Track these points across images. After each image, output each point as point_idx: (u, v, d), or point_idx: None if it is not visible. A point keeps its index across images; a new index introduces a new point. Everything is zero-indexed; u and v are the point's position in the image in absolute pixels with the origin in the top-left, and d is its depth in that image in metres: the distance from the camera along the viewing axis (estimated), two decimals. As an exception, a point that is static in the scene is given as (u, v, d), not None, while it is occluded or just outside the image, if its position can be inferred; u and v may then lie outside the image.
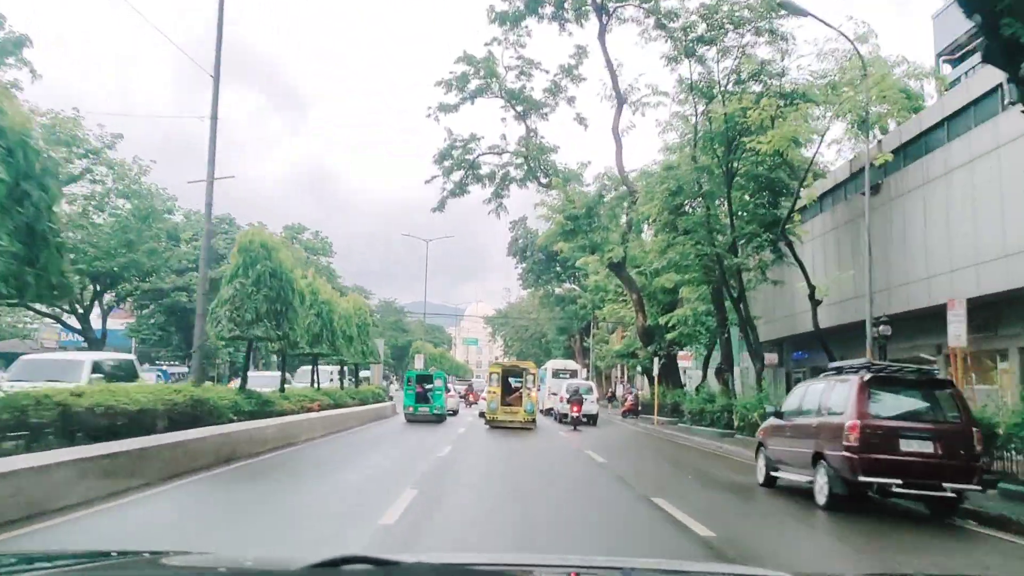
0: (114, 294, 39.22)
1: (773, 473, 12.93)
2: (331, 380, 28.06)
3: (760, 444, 13.59)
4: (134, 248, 34.09)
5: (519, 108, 39.43)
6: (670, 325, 31.93)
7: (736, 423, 24.17)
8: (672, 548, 7.68)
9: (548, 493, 11.72)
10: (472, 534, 8.53)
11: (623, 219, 34.02)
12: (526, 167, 38.95)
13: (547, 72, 39.03)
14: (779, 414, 13.06)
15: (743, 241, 24.01)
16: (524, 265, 57.97)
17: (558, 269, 58.29)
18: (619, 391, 51.19)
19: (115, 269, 34.03)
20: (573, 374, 40.49)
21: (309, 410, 21.86)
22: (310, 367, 28.19)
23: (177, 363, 48.56)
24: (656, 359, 32.06)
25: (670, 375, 33.42)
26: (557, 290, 61.09)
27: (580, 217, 33.19)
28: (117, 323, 45.59)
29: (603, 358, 52.84)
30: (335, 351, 25.42)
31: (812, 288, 20.52)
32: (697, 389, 30.97)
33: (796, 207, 21.78)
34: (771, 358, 33.75)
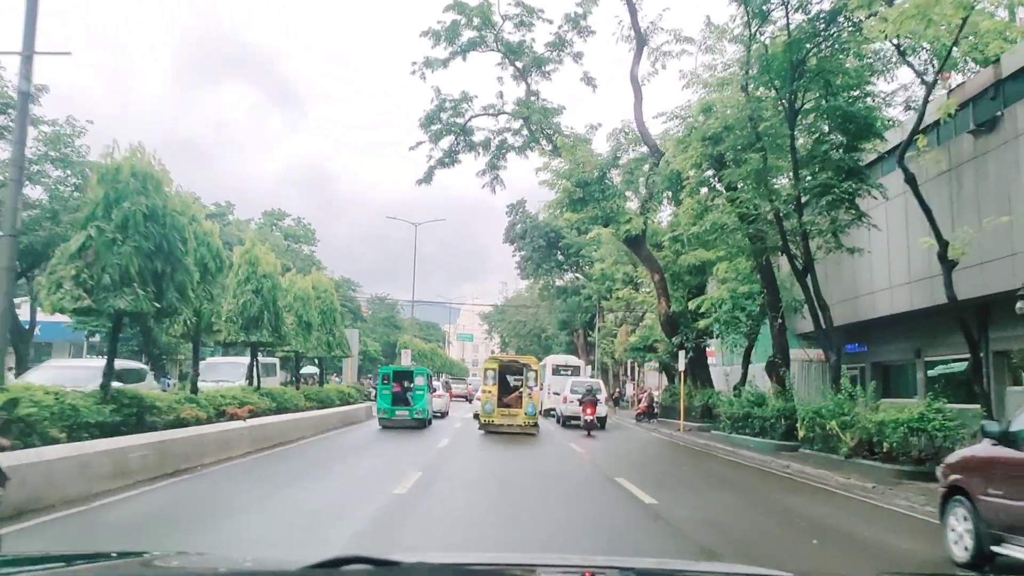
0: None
1: (997, 548, 6.73)
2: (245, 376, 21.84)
3: (956, 491, 7.36)
4: (58, 220, 27.94)
5: (518, 64, 33.23)
6: (700, 311, 25.77)
7: (801, 433, 17.98)
8: None
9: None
10: None
11: (642, 184, 27.74)
12: (526, 131, 32.71)
13: (550, 22, 32.91)
14: (1009, 438, 6.84)
15: (811, 196, 17.77)
16: (523, 252, 51.58)
17: (560, 257, 51.99)
18: (628, 390, 44.99)
19: (36, 246, 27.82)
20: (575, 371, 35.30)
21: (233, 417, 15.64)
22: (246, 359, 22.03)
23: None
24: (683, 352, 25.86)
25: (699, 371, 27.19)
26: (558, 281, 54.72)
27: (591, 183, 26.95)
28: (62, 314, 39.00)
29: (609, 353, 46.68)
30: (280, 339, 19.13)
31: (944, 245, 14.26)
32: (736, 389, 24.73)
33: (920, 126, 15.43)
34: (816, 353, 27.65)
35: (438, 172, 33.76)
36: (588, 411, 25.05)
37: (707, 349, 29.59)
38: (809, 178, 18.11)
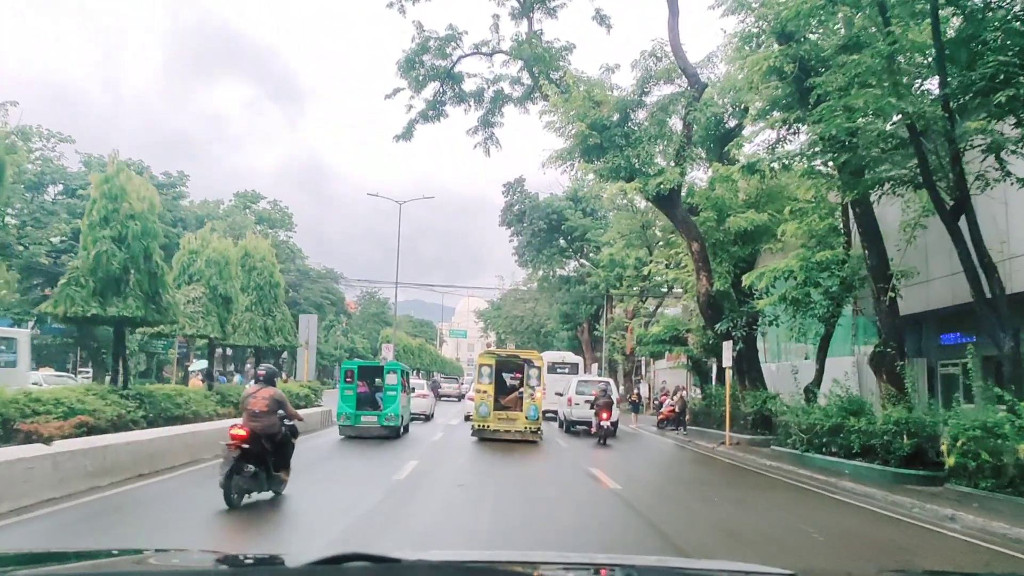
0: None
1: None
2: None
3: None
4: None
5: (518, -1, 26.67)
6: (754, 290, 19.19)
7: (950, 461, 11.36)
8: None
9: None
10: None
11: (677, 126, 21.01)
12: (527, 76, 26.14)
13: (557, -57, 26.41)
14: None
15: (969, 98, 11.15)
16: (521, 237, 44.79)
17: (562, 243, 45.31)
18: (642, 391, 38.34)
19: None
20: (573, 368, 30.40)
21: (33, 436, 8.95)
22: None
23: None
24: (729, 344, 19.22)
25: (748, 368, 20.53)
26: (560, 270, 47.92)
27: (611, 126, 20.38)
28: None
29: (619, 349, 40.04)
30: (161, 313, 12.36)
31: None
32: (807, 392, 18.05)
33: None
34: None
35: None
36: (603, 416, 20.09)
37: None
38: (987, 59, 11.42)
